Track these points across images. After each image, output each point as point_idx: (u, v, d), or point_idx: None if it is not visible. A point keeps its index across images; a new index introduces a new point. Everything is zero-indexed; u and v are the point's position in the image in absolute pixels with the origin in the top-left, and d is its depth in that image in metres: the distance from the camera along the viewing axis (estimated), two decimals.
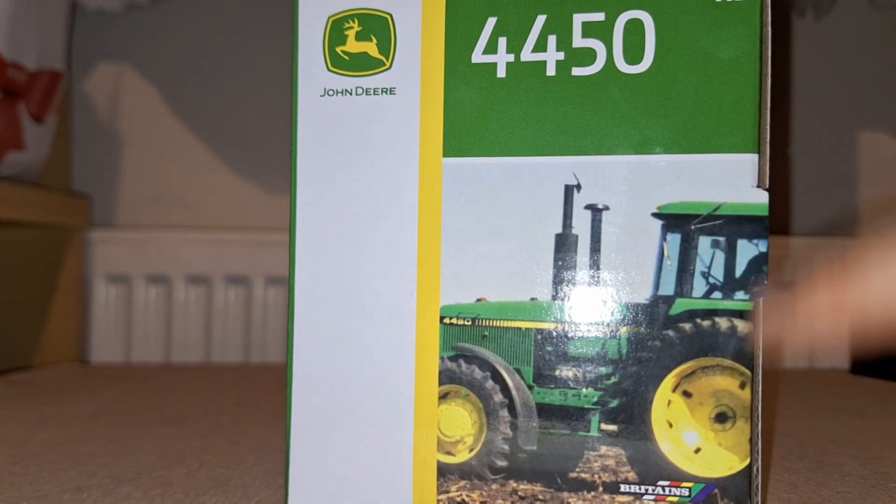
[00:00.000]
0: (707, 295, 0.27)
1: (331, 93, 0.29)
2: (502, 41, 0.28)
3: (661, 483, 0.27)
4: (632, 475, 0.27)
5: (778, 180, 0.91)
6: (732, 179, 0.26)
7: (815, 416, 0.55)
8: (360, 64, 0.29)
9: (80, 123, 0.90)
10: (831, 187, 0.92)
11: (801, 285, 0.27)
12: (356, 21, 0.29)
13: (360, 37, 0.29)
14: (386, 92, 0.29)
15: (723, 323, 0.26)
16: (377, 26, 0.29)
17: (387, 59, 0.29)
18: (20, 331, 0.79)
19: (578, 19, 0.28)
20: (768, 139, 0.27)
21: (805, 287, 0.27)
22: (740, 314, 0.26)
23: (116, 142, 0.91)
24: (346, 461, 0.29)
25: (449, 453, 0.28)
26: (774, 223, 0.91)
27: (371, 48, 0.29)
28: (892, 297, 0.25)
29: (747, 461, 0.26)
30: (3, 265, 0.77)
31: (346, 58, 0.29)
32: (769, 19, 0.27)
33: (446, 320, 0.28)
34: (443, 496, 0.28)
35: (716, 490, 0.26)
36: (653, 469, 0.27)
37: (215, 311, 0.87)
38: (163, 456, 0.40)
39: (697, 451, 0.27)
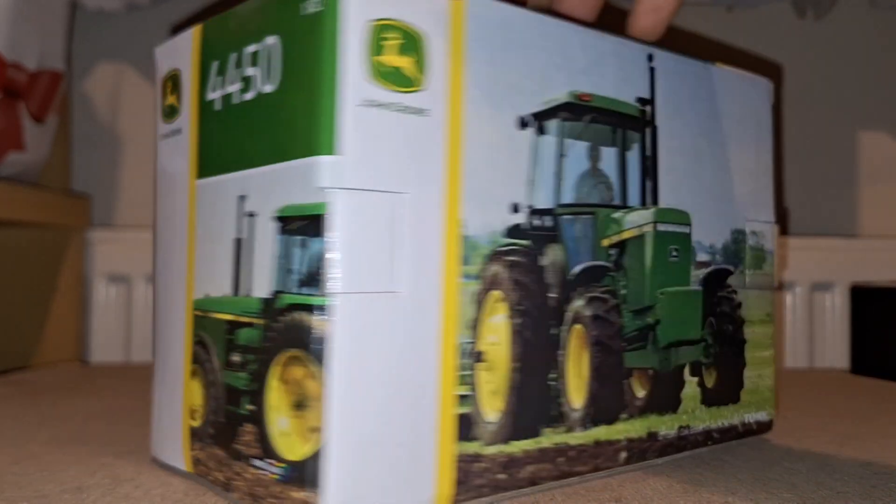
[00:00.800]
0: (298, 290, 0.30)
1: (161, 138, 0.39)
2: (219, 80, 0.34)
3: (268, 460, 0.30)
4: (258, 451, 0.31)
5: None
6: (312, 181, 0.29)
7: (815, 416, 0.55)
8: (168, 112, 0.38)
9: (80, 123, 0.90)
10: (831, 187, 0.92)
11: None
12: (171, 83, 0.38)
13: (171, 91, 0.38)
14: (176, 133, 0.37)
15: (304, 317, 0.29)
16: (176, 83, 0.38)
17: (177, 106, 0.37)
18: (20, 331, 0.79)
19: (249, 51, 0.32)
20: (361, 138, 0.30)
21: None
22: (318, 308, 0.29)
23: (116, 142, 0.91)
24: (168, 425, 0.37)
25: (195, 420, 0.35)
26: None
27: (174, 100, 0.38)
28: None
29: (316, 447, 0.28)
30: (3, 265, 0.77)
31: (168, 108, 0.38)
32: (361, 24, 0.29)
33: (194, 312, 0.35)
34: (192, 453, 0.35)
35: (294, 472, 0.29)
36: (265, 448, 0.31)
37: None
38: None
39: (286, 434, 0.30)
